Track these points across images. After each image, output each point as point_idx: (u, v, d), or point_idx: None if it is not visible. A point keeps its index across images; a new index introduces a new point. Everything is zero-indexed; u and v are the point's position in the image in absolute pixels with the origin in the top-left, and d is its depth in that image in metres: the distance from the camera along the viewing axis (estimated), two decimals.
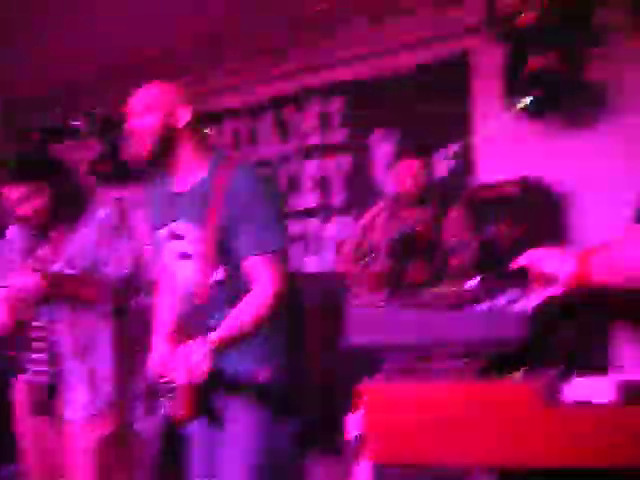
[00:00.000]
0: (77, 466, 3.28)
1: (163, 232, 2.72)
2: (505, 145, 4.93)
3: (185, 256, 2.66)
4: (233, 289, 2.61)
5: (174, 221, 2.67)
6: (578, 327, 2.18)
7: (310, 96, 6.01)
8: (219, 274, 2.60)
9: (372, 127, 5.65)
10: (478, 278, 2.37)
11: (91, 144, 6.63)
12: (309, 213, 5.99)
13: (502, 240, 3.83)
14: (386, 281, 4.08)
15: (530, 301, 2.01)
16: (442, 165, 5.06)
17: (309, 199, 6.04)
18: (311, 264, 5.88)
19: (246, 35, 5.74)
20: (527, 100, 3.95)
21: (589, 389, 1.56)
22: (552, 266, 2.07)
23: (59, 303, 3.21)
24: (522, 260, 2.20)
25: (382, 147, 5.58)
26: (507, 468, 1.46)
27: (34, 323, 3.19)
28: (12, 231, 3.45)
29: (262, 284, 2.52)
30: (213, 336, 2.40)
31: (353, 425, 1.75)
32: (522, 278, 2.44)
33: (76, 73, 6.22)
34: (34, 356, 3.23)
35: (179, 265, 2.70)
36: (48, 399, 3.25)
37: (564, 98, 4.50)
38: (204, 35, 5.76)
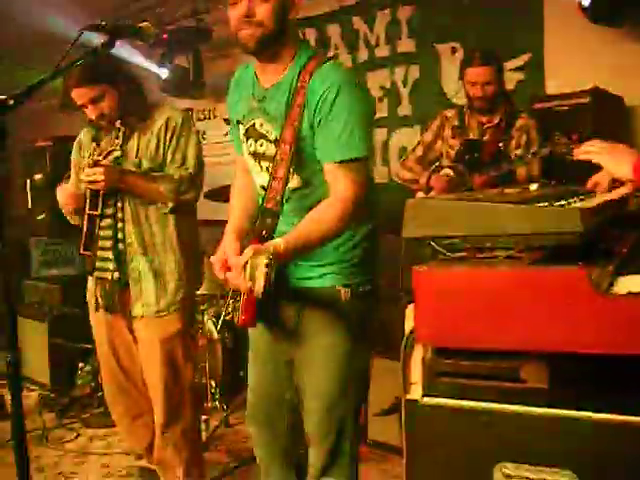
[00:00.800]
0: (146, 360, 3.46)
1: (244, 128, 2.63)
2: (576, 56, 4.80)
3: (263, 157, 2.57)
4: (308, 199, 2.54)
5: (256, 118, 2.56)
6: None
7: (378, 5, 5.91)
8: (295, 181, 2.52)
9: (441, 37, 5.55)
10: (541, 181, 2.38)
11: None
12: (377, 123, 5.93)
13: (571, 151, 3.75)
14: (452, 189, 4.08)
15: (593, 199, 2.02)
16: (512, 75, 4.95)
17: (377, 109, 5.97)
18: (378, 175, 5.90)
19: None
20: None
21: None
22: (610, 162, 2.07)
23: (124, 201, 3.32)
24: (582, 151, 2.18)
25: (451, 57, 5.49)
26: (558, 354, 1.51)
27: (101, 222, 3.32)
28: (82, 134, 3.56)
29: (339, 192, 2.40)
30: (280, 243, 2.28)
31: (410, 316, 1.80)
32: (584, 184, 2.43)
33: None
34: (102, 254, 3.37)
35: (256, 165, 2.62)
36: (117, 295, 3.40)
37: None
38: None
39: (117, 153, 3.25)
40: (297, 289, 2.61)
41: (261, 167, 2.59)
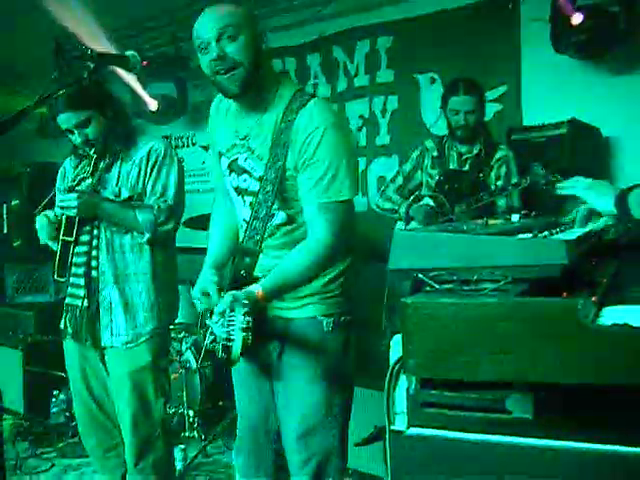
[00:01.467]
0: (115, 392, 3.40)
1: (227, 161, 2.60)
2: (553, 87, 4.87)
3: (246, 192, 2.55)
4: (292, 235, 2.54)
5: (240, 153, 2.54)
6: (623, 260, 2.22)
7: (359, 36, 5.96)
8: (280, 217, 2.52)
9: (420, 68, 5.61)
10: (522, 212, 2.41)
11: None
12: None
13: (549, 182, 3.80)
14: (431, 219, 4.11)
15: (575, 231, 2.05)
16: (489, 106, 5.01)
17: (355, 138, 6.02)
18: (356, 204, 5.90)
19: None
20: None
21: (627, 315, 1.60)
22: (594, 196, 2.11)
23: (100, 229, 3.29)
24: (568, 186, 2.23)
25: (430, 88, 5.55)
26: (543, 384, 1.52)
27: (75, 249, 3.29)
28: (66, 162, 3.55)
29: (317, 234, 2.39)
30: (258, 289, 2.30)
31: (396, 347, 1.81)
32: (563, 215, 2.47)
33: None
34: (74, 280, 3.35)
35: (239, 199, 2.60)
36: (85, 324, 3.35)
37: (613, 40, 4.40)
38: None
39: (89, 181, 3.23)
40: (279, 320, 2.61)
41: (244, 201, 2.57)
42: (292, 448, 2.64)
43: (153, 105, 6.65)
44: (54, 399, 5.30)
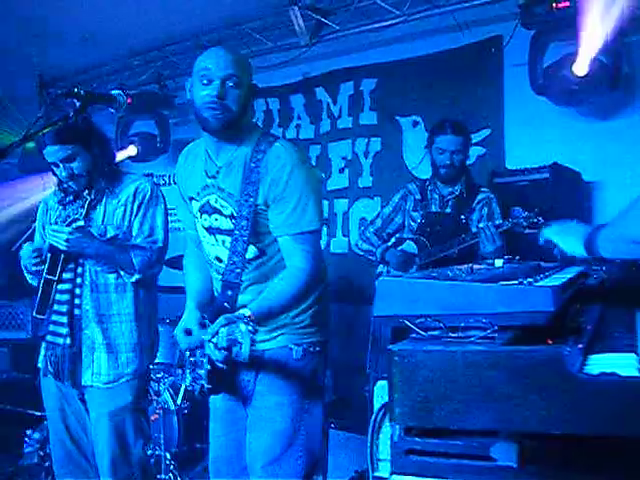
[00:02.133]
0: (94, 432, 3.35)
1: (198, 204, 2.74)
2: (535, 132, 4.92)
3: (218, 230, 2.68)
4: (264, 267, 2.66)
5: (210, 194, 2.68)
6: (605, 305, 2.21)
7: (342, 78, 6.01)
8: (251, 252, 2.63)
9: (403, 110, 5.66)
10: (506, 257, 2.41)
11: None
12: (338, 194, 6.00)
13: (531, 226, 3.82)
14: (405, 264, 4.12)
15: (559, 277, 2.04)
16: (473, 149, 5.05)
17: (338, 180, 6.05)
18: (338, 245, 5.92)
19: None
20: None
21: (613, 363, 1.59)
22: (565, 240, 2.13)
23: (84, 267, 3.27)
24: (541, 236, 2.25)
25: (413, 130, 5.59)
26: (529, 434, 1.50)
27: (58, 286, 3.26)
28: (48, 196, 3.53)
29: (296, 263, 2.55)
30: (247, 311, 2.38)
31: (379, 393, 1.79)
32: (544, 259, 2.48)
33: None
34: (56, 318, 3.31)
35: (211, 238, 2.72)
36: (67, 362, 3.31)
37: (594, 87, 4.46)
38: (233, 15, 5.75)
39: (80, 222, 3.20)
40: (253, 353, 2.62)
41: (216, 240, 2.69)
42: (257, 478, 2.68)
43: (133, 151, 6.68)
44: (27, 439, 5.20)
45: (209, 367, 2.46)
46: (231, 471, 2.82)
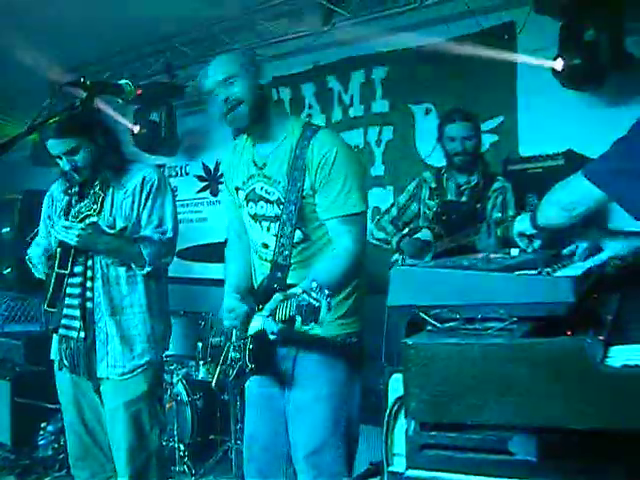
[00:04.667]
0: (110, 423, 3.34)
1: (244, 193, 2.87)
2: (549, 118, 4.86)
3: (263, 217, 2.80)
4: (306, 252, 2.77)
5: (256, 182, 2.81)
6: (623, 295, 2.17)
7: (353, 66, 5.95)
8: (297, 236, 2.73)
9: (415, 98, 5.60)
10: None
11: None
12: None
13: None
14: (422, 253, 4.08)
15: (577, 266, 2.00)
16: (486, 137, 4.99)
17: None
18: None
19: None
20: None
21: (635, 355, 1.55)
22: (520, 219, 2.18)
23: (95, 260, 3.25)
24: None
25: (425, 118, 5.53)
26: (548, 428, 1.46)
27: (69, 280, 3.25)
28: (54, 187, 3.50)
29: (344, 243, 2.65)
30: (310, 283, 2.31)
31: (394, 386, 1.75)
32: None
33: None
34: (69, 312, 3.29)
35: (257, 226, 2.84)
36: (81, 355, 3.30)
37: (609, 70, 4.40)
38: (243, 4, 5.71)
39: (93, 219, 3.15)
40: (293, 337, 2.68)
41: (261, 227, 2.81)
42: (300, 468, 2.75)
43: (135, 129, 6.66)
44: (42, 431, 5.20)
45: (252, 346, 2.62)
46: (265, 458, 2.88)
